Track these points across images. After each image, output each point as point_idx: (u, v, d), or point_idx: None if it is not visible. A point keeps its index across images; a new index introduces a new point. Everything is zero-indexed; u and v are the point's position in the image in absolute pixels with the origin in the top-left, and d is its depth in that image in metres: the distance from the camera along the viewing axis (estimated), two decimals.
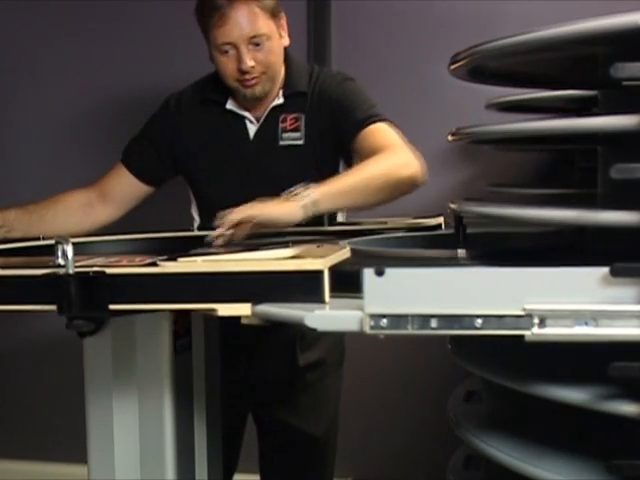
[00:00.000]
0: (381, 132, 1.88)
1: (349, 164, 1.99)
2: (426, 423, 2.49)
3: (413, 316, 0.97)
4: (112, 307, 1.20)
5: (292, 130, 1.95)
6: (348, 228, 1.85)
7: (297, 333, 1.97)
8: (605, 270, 0.94)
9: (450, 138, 1.49)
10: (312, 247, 1.34)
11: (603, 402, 1.02)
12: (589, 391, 1.05)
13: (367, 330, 0.99)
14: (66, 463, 2.74)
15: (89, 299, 1.19)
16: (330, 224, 1.83)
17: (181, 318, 1.55)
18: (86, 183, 2.01)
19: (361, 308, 0.99)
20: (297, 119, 1.95)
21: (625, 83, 0.99)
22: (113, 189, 2.01)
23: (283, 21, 1.91)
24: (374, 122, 1.88)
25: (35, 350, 2.87)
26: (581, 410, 1.05)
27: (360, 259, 1.30)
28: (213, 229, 1.55)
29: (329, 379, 2.05)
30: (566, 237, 1.43)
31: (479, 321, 0.96)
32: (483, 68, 1.39)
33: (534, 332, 0.95)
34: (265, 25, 1.84)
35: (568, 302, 0.94)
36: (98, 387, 1.50)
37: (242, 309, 1.13)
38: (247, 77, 1.86)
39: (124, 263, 1.26)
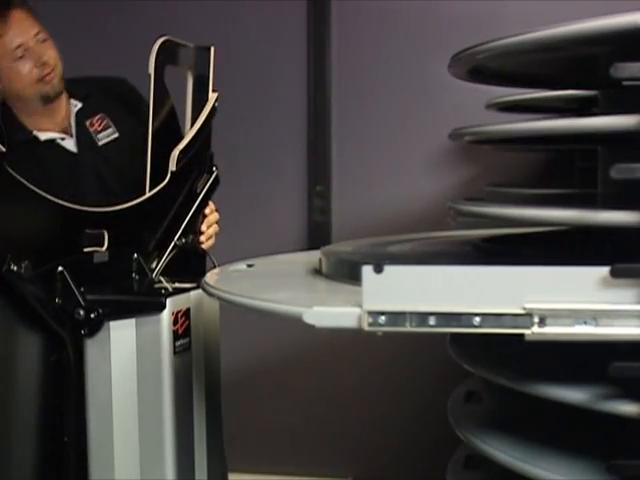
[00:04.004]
0: None
1: None
2: (426, 423, 2.49)
3: (411, 313, 0.97)
4: None
5: (104, 129, 1.99)
6: None
7: None
8: (605, 270, 0.93)
9: (450, 138, 1.49)
10: None
11: (603, 402, 1.02)
12: (589, 391, 1.05)
13: (365, 327, 0.98)
14: None
15: None
16: None
17: (181, 318, 1.55)
18: None
19: (359, 305, 0.99)
20: (102, 118, 2.00)
21: (625, 83, 0.99)
22: None
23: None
24: None
25: None
26: (581, 410, 1.05)
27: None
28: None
29: None
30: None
31: (477, 319, 0.96)
32: (483, 68, 1.39)
33: (534, 331, 0.95)
34: (36, 24, 1.91)
35: (568, 301, 0.94)
36: (98, 387, 1.50)
37: None
38: (47, 71, 1.89)
39: None
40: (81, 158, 1.96)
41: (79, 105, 2.00)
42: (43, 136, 1.95)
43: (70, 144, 1.96)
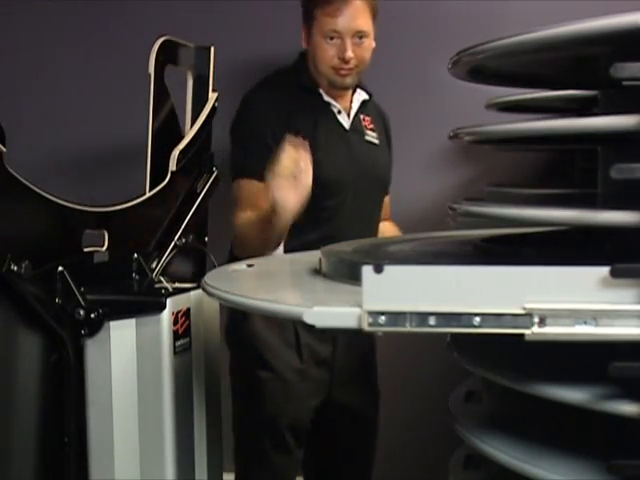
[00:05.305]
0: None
1: None
2: (426, 423, 2.49)
3: (411, 314, 0.97)
4: None
5: (371, 130, 2.15)
6: None
7: None
8: (605, 270, 0.93)
9: (450, 138, 1.49)
10: None
11: (603, 402, 1.02)
12: (589, 391, 1.05)
13: (365, 327, 0.98)
14: None
15: None
16: None
17: (181, 318, 1.55)
18: None
19: (359, 305, 0.99)
20: (372, 122, 2.15)
21: (625, 83, 0.99)
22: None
23: (375, 23, 2.04)
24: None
25: None
26: (581, 410, 1.05)
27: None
28: None
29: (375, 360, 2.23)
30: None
31: (477, 319, 0.96)
32: (483, 68, 1.39)
33: (534, 331, 0.95)
34: (367, 23, 1.99)
35: (568, 301, 0.94)
36: (98, 387, 1.50)
37: None
38: (344, 66, 1.99)
39: None
40: (350, 135, 2.09)
41: (365, 96, 2.13)
42: (325, 97, 2.06)
43: (344, 119, 2.08)
